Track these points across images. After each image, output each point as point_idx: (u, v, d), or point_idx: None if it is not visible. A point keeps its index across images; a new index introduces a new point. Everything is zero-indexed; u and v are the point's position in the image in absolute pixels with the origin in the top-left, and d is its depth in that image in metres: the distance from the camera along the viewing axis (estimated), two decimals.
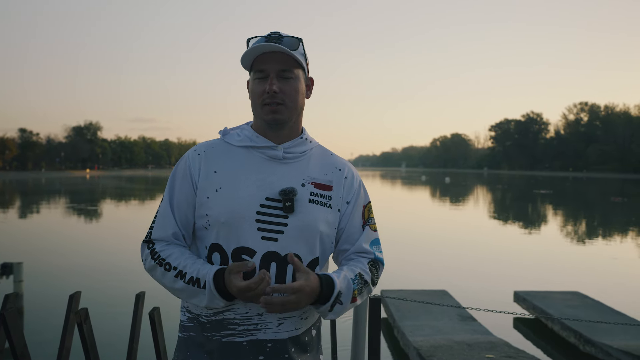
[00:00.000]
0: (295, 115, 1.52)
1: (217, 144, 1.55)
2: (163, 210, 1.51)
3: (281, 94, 1.47)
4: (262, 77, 1.48)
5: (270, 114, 1.48)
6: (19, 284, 8.13)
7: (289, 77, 1.48)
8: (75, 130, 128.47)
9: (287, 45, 1.46)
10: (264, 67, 1.47)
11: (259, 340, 1.44)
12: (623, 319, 6.69)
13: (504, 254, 13.62)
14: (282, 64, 1.46)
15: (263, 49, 1.45)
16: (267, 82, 1.46)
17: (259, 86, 1.48)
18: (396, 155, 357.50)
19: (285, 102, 1.47)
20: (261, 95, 1.48)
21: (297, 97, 1.50)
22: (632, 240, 17.27)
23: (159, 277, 1.48)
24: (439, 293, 7.87)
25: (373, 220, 1.62)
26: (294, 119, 1.53)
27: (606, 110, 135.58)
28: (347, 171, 1.59)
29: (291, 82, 1.48)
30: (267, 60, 1.46)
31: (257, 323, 1.44)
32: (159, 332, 2.02)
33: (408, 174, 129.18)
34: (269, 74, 1.46)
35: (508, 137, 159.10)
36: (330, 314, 1.45)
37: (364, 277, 1.51)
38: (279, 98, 1.46)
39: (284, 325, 1.46)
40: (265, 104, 1.47)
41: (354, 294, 1.47)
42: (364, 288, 1.51)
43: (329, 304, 1.42)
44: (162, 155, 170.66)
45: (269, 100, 1.46)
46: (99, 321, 2.93)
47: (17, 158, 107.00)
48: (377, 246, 1.60)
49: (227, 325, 1.45)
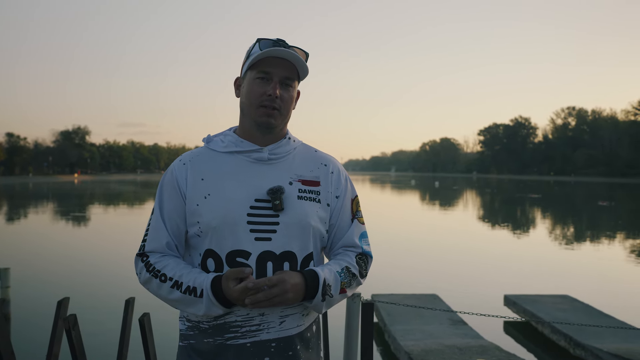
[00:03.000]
0: (285, 123, 1.56)
1: (202, 152, 1.57)
2: (154, 222, 1.52)
3: (280, 100, 1.49)
4: (265, 79, 1.49)
5: (265, 117, 1.49)
6: (6, 289, 8.02)
7: (290, 85, 1.51)
8: (64, 135, 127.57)
9: (298, 56, 1.49)
10: (270, 70, 1.48)
11: (262, 340, 1.44)
12: (612, 322, 6.73)
13: (494, 258, 13.67)
14: (288, 72, 1.49)
15: (278, 53, 1.47)
16: (270, 85, 1.48)
17: (260, 87, 1.49)
18: (386, 160, 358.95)
19: (281, 109, 1.50)
20: (260, 96, 1.48)
21: (290, 106, 1.54)
22: (620, 243, 17.41)
23: (154, 289, 1.48)
24: (429, 297, 7.87)
25: (361, 214, 1.64)
26: (282, 127, 1.56)
27: (593, 114, 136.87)
28: (332, 166, 1.62)
29: (290, 91, 1.51)
30: (275, 65, 1.48)
31: (259, 323, 1.44)
32: (149, 338, 1.99)
33: (397, 179, 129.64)
34: (273, 78, 1.48)
35: (497, 141, 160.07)
36: (324, 305, 1.46)
37: (351, 270, 1.52)
38: (277, 104, 1.48)
39: (286, 323, 1.47)
40: (263, 105, 1.48)
41: (342, 284, 1.49)
42: (353, 280, 1.53)
43: (319, 295, 1.42)
44: (151, 160, 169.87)
45: (268, 103, 1.48)
46: (88, 327, 2.89)
47: (4, 163, 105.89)
48: (365, 239, 1.62)
49: (229, 328, 1.45)
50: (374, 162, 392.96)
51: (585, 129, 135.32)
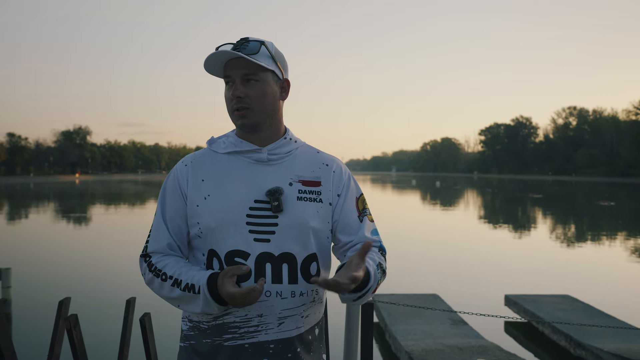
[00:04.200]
0: (268, 117, 1.53)
1: (204, 153, 1.58)
2: (156, 224, 1.54)
3: (247, 98, 1.48)
4: (229, 84, 1.50)
5: (239, 119, 1.51)
6: (7, 289, 8.03)
7: (253, 80, 1.49)
8: (64, 135, 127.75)
9: (248, 50, 1.47)
10: (229, 73, 1.50)
11: (260, 342, 1.44)
12: (613, 322, 6.73)
13: (494, 258, 13.67)
14: (246, 69, 1.48)
15: (222, 56, 1.48)
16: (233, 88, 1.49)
17: (228, 92, 1.51)
18: (386, 160, 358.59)
19: (252, 106, 1.49)
20: (230, 101, 1.50)
21: (264, 100, 1.50)
22: (620, 243, 17.40)
23: (157, 289, 1.49)
24: (430, 297, 7.87)
25: (369, 211, 1.65)
26: (269, 122, 1.54)
27: (594, 114, 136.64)
28: (335, 166, 1.61)
29: (256, 85, 1.49)
30: (232, 67, 1.49)
31: (257, 325, 1.44)
32: (150, 338, 2.00)
33: (398, 178, 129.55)
34: (235, 80, 1.49)
35: (498, 141, 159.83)
36: (355, 302, 1.47)
37: (382, 266, 1.54)
38: (245, 102, 1.48)
39: (284, 325, 1.46)
40: (235, 109, 1.50)
41: (378, 284, 1.50)
42: (382, 277, 1.54)
43: (361, 294, 1.44)
44: (152, 160, 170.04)
45: (236, 105, 1.49)
46: (89, 327, 2.90)
47: (5, 163, 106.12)
48: (377, 236, 1.64)
49: (227, 329, 1.45)
50: (374, 161, 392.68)
51: (586, 129, 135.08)
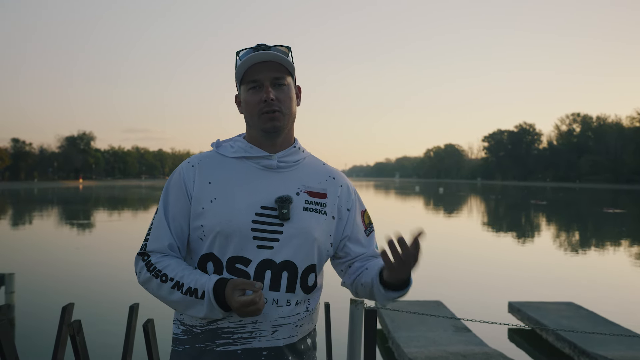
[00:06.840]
0: (290, 122, 1.54)
1: (211, 155, 1.56)
2: (158, 222, 1.50)
3: (277, 101, 1.48)
4: (256, 88, 1.49)
5: (269, 122, 1.48)
6: (11, 295, 8.05)
7: (282, 84, 1.49)
8: (68, 140, 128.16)
9: (282, 54, 1.49)
10: (257, 77, 1.48)
11: (254, 348, 1.43)
12: (617, 329, 6.70)
13: (498, 265, 13.62)
14: (275, 72, 1.48)
15: (256, 59, 1.47)
16: (262, 91, 1.47)
17: (254, 96, 1.48)
18: (390, 166, 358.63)
19: (282, 110, 1.49)
20: (257, 104, 1.48)
21: (291, 105, 1.52)
22: (625, 250, 17.32)
23: (154, 289, 1.45)
24: (433, 304, 7.85)
25: (373, 226, 1.68)
26: (289, 127, 1.55)
27: (598, 121, 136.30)
28: (341, 180, 1.63)
29: (285, 90, 1.50)
30: (260, 70, 1.48)
31: (251, 331, 1.43)
32: (153, 344, 2.00)
33: (402, 185, 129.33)
34: (263, 83, 1.48)
35: (501, 147, 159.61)
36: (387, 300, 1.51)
37: None
38: (276, 106, 1.48)
39: (278, 333, 1.45)
40: (263, 112, 1.48)
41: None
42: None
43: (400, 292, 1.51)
44: (155, 166, 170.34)
45: (267, 108, 1.47)
46: (92, 333, 2.90)
47: (10, 168, 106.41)
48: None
49: (220, 334, 1.43)
50: (378, 168, 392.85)
51: (590, 136, 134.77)
